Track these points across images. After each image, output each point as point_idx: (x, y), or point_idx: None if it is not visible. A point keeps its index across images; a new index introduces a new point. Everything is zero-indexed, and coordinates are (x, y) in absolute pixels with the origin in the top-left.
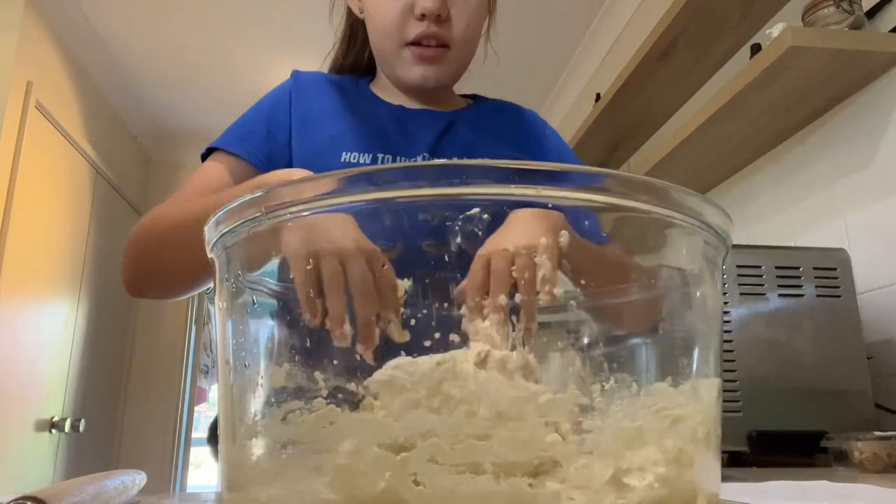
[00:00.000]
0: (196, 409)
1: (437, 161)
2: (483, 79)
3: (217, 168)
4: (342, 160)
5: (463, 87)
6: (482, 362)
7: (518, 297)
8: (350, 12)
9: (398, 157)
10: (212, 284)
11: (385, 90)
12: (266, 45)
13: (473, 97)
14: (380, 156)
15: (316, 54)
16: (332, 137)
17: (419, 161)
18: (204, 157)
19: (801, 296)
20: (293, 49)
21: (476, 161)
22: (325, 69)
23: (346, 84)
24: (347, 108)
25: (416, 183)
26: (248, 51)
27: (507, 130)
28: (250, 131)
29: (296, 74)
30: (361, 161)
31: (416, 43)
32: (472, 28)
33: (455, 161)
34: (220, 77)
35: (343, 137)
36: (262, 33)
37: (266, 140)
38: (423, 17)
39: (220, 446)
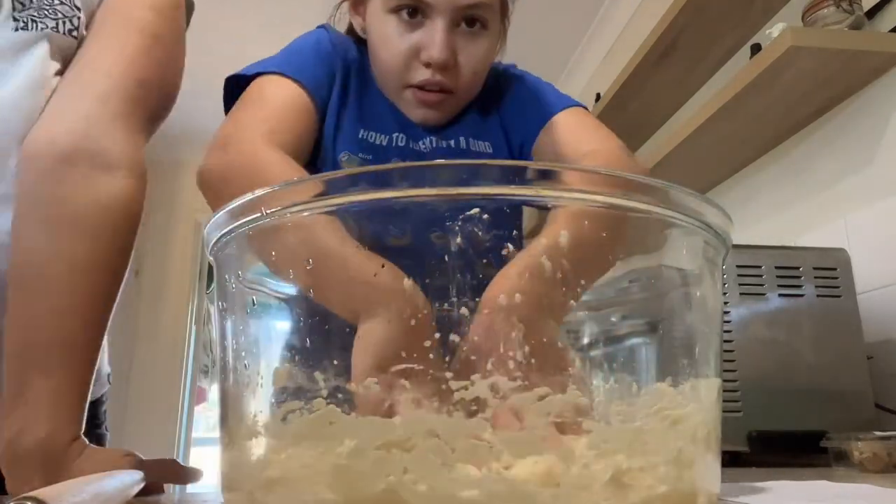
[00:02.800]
0: (196, 409)
1: (437, 161)
2: None
3: (292, 89)
4: (359, 136)
5: None
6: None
7: None
8: (352, 31)
9: (409, 140)
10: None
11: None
12: (267, 45)
13: None
14: (394, 135)
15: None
16: (352, 113)
17: (427, 143)
18: (228, 86)
19: (801, 296)
20: None
21: (476, 161)
22: None
23: (365, 63)
24: (365, 86)
25: (415, 183)
26: (248, 51)
27: (492, 102)
28: (299, 58)
29: (330, 29)
30: (378, 142)
31: (419, 87)
32: (479, 74)
33: (455, 161)
34: (220, 77)
35: (359, 114)
36: (262, 34)
37: (327, 71)
38: (428, 64)
39: (220, 446)
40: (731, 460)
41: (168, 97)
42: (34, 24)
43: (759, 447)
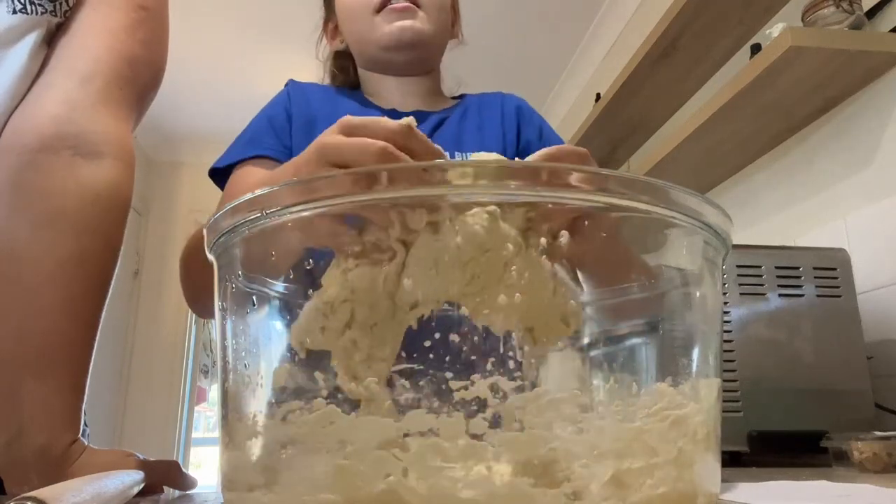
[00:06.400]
0: (196, 409)
1: (437, 161)
2: (484, 79)
3: (251, 172)
4: None
5: (463, 88)
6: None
7: None
8: (333, 52)
9: None
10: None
11: (375, 97)
12: (265, 46)
13: (461, 97)
14: None
15: (314, 54)
16: None
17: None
18: (213, 176)
19: (801, 296)
20: (292, 50)
21: (476, 161)
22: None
23: (341, 91)
24: (342, 110)
25: (415, 182)
26: (247, 52)
27: (491, 120)
28: (257, 135)
29: (291, 83)
30: None
31: (385, 5)
32: None
33: (455, 161)
34: (219, 78)
35: None
36: (261, 35)
37: (277, 139)
38: None
39: (220, 446)
40: (731, 460)
41: (157, 73)
42: (33, 8)
43: (759, 447)
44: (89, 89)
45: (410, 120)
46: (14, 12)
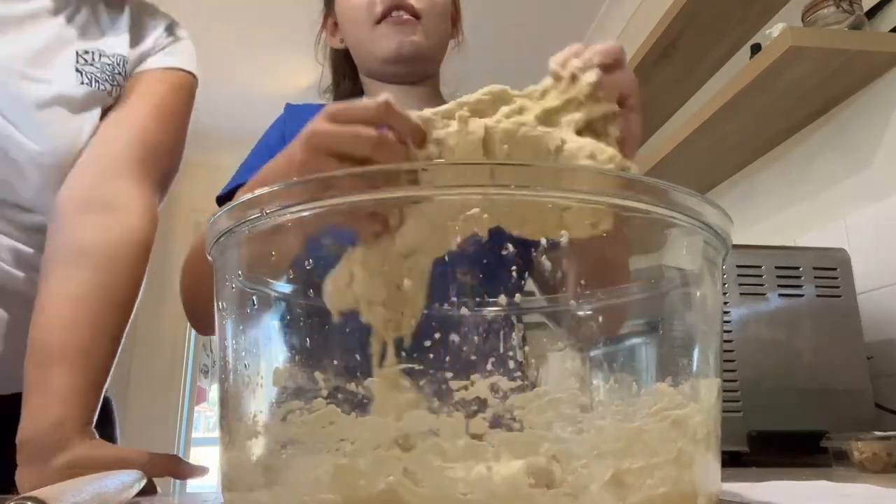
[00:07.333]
0: (196, 409)
1: (436, 161)
2: (483, 79)
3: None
4: None
5: (462, 90)
6: None
7: None
8: (334, 51)
9: None
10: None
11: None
12: (267, 47)
13: None
14: None
15: (314, 57)
16: None
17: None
18: (219, 203)
19: (801, 296)
20: (294, 51)
21: (477, 161)
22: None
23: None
24: None
25: (415, 183)
26: (248, 53)
27: None
28: (256, 162)
29: (288, 107)
30: None
31: (386, 17)
32: (438, 1)
33: (454, 162)
34: (220, 78)
35: None
36: (262, 36)
37: None
38: None
39: (220, 446)
40: (731, 460)
41: (177, 157)
42: (97, 84)
43: (759, 447)
44: (121, 166)
45: (387, 96)
46: (81, 84)
